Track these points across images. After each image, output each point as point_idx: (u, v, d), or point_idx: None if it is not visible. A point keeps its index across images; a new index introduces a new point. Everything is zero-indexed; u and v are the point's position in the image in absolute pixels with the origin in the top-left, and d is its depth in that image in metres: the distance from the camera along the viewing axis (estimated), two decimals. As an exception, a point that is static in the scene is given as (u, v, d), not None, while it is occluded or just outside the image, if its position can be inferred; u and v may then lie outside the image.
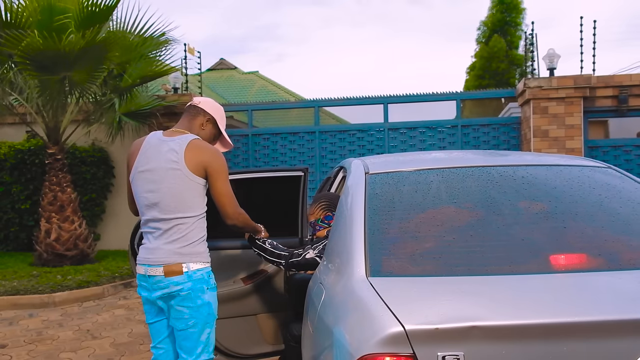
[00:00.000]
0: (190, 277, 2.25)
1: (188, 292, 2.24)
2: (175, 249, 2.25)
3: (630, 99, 7.16)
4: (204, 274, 2.30)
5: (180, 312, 2.27)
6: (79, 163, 8.58)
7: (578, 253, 1.82)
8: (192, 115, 2.43)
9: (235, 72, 17.66)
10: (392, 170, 2.36)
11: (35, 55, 6.06)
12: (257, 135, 8.99)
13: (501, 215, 1.98)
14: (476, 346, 1.35)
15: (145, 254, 2.33)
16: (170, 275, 2.24)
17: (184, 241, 2.25)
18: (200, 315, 2.27)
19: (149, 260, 2.29)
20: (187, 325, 2.27)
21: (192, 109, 2.45)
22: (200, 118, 2.43)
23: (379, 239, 1.92)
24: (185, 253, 2.26)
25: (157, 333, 2.45)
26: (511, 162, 2.45)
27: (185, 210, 2.25)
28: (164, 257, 2.25)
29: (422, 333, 1.37)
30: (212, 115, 2.46)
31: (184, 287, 2.24)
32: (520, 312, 1.42)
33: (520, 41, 19.21)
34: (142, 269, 2.33)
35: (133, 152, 2.39)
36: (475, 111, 11.03)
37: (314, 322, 1.99)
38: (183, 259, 2.25)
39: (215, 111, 2.48)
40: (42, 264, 7.18)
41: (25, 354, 4.27)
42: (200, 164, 2.24)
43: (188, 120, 2.42)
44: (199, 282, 2.27)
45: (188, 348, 2.30)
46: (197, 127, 2.42)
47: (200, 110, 2.44)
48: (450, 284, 1.66)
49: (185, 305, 2.25)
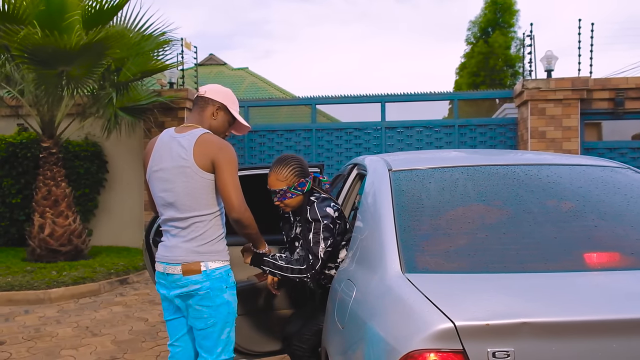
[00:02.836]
0: (209, 276, 2.22)
1: (207, 292, 2.21)
2: (193, 247, 2.22)
3: (627, 102, 7.27)
4: (223, 272, 2.26)
5: (200, 312, 2.24)
6: (72, 157, 8.45)
7: (611, 251, 1.83)
8: (201, 107, 2.36)
9: (224, 68, 17.56)
10: (415, 167, 2.36)
11: (34, 49, 5.96)
12: (254, 132, 8.94)
13: (531, 214, 1.99)
14: (526, 342, 1.35)
15: (163, 251, 2.30)
16: (189, 274, 2.21)
17: (202, 239, 2.22)
18: (220, 314, 2.24)
19: (168, 259, 2.26)
20: (206, 325, 2.24)
21: (200, 100, 2.38)
22: (210, 108, 2.36)
23: (410, 235, 1.91)
24: (203, 252, 2.22)
25: (174, 330, 2.42)
26: (533, 161, 2.47)
27: (201, 208, 2.21)
28: (182, 255, 2.22)
29: (472, 329, 1.36)
30: (222, 102, 2.38)
31: (202, 286, 2.21)
32: (569, 309, 1.42)
33: (513, 42, 19.39)
34: (161, 266, 2.30)
35: (148, 151, 2.36)
36: (469, 111, 11.10)
37: (343, 318, 1.97)
38: (202, 257, 2.22)
39: (225, 97, 2.39)
40: (36, 260, 7.07)
41: (25, 350, 4.19)
42: (208, 159, 2.19)
43: (198, 113, 2.36)
44: (218, 280, 2.24)
45: (208, 347, 2.28)
46: (208, 119, 2.35)
47: (208, 100, 2.36)
48: (489, 281, 1.66)
49: (204, 304, 2.22)
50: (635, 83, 7.29)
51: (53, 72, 6.41)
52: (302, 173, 2.58)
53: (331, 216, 2.48)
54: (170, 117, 8.45)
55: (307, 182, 2.59)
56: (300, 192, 2.56)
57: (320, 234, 2.43)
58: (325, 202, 2.53)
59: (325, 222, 2.45)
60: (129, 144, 8.80)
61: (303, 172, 2.59)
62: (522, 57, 9.16)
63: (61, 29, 5.96)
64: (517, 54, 18.86)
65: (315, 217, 2.46)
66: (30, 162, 8.26)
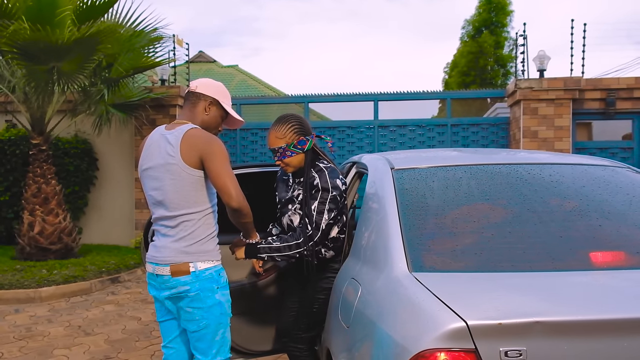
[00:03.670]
0: (199, 277, 2.15)
1: (197, 293, 2.15)
2: (182, 247, 2.15)
3: (618, 102, 7.34)
4: (213, 272, 2.19)
5: (191, 314, 2.17)
6: (61, 154, 8.34)
7: (617, 251, 1.84)
8: (193, 103, 2.29)
9: (214, 65, 17.50)
10: (418, 166, 2.35)
11: (24, 44, 5.87)
12: (246, 129, 8.90)
13: (536, 213, 1.99)
14: (538, 341, 1.35)
15: (153, 252, 2.24)
16: (177, 275, 2.14)
17: (191, 239, 2.15)
18: (212, 315, 2.18)
19: (156, 259, 2.21)
20: (199, 327, 2.18)
21: (191, 96, 2.30)
22: (202, 103, 2.29)
23: (416, 234, 1.91)
24: (192, 252, 2.15)
25: (167, 332, 2.36)
26: (535, 160, 2.47)
27: (190, 205, 2.15)
28: (171, 256, 2.16)
29: (485, 328, 1.36)
30: (214, 97, 2.30)
31: (192, 288, 2.14)
32: (581, 308, 1.42)
33: (506, 42, 19.51)
34: (151, 267, 2.25)
35: (141, 149, 2.32)
36: (460, 110, 11.15)
37: (348, 318, 1.96)
38: (190, 257, 2.15)
39: (216, 91, 2.31)
40: (25, 258, 6.97)
41: (17, 350, 4.13)
42: (195, 154, 2.11)
43: (189, 109, 2.29)
44: (208, 281, 2.17)
45: (203, 349, 2.22)
46: (200, 114, 2.28)
47: (200, 95, 2.28)
48: (498, 280, 1.66)
49: (195, 306, 2.16)
50: (626, 83, 7.36)
51: (44, 67, 6.31)
52: (302, 131, 2.50)
53: (340, 189, 2.42)
54: (161, 114, 8.38)
55: (308, 140, 2.50)
56: (301, 150, 2.47)
57: (327, 204, 2.36)
58: (335, 173, 2.46)
59: (334, 193, 2.38)
60: (119, 141, 8.71)
61: (303, 129, 2.51)
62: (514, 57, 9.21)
63: (52, 24, 5.87)
64: (509, 53, 18.98)
65: (326, 186, 2.38)
66: (19, 159, 8.15)
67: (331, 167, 2.50)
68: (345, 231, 2.58)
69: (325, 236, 2.40)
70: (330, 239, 2.49)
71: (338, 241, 2.53)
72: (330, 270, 2.51)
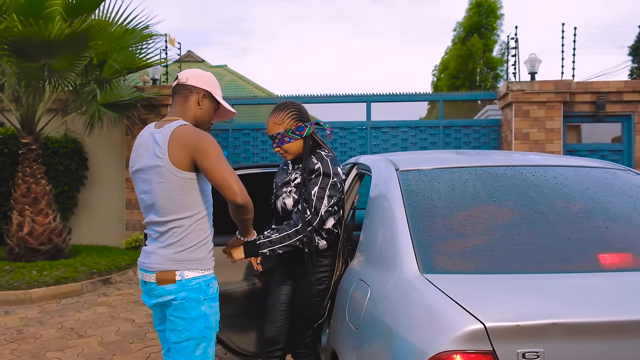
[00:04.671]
0: (185, 286, 2.01)
1: (181, 302, 2.01)
2: (170, 254, 2.02)
3: (608, 105, 7.43)
4: (202, 282, 2.04)
5: (174, 324, 2.03)
6: (50, 154, 8.22)
7: (624, 252, 1.86)
8: (184, 97, 2.14)
9: (203, 65, 17.40)
10: (423, 167, 2.36)
11: (15, 41, 5.78)
12: (238, 130, 8.87)
13: (543, 215, 2.00)
14: (555, 343, 1.36)
15: (142, 257, 2.13)
16: (163, 283, 2.02)
17: (179, 246, 2.02)
18: (195, 328, 2.02)
19: (145, 266, 2.09)
20: (180, 338, 2.03)
21: (182, 89, 2.14)
22: (194, 96, 2.14)
23: (425, 235, 1.91)
24: (179, 259, 2.02)
25: (164, 341, 2.24)
26: (538, 162, 2.49)
27: (180, 210, 2.01)
28: (158, 263, 2.04)
29: (502, 330, 1.36)
30: (207, 89, 2.16)
31: (177, 297, 2.01)
32: (597, 309, 1.43)
33: (495, 45, 19.69)
34: (140, 273, 2.15)
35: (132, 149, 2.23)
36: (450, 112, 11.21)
37: (357, 320, 1.96)
38: (177, 266, 2.02)
39: (208, 83, 2.18)
40: (14, 259, 6.86)
41: (9, 353, 4.06)
42: (185, 154, 1.96)
43: (180, 104, 2.14)
44: (195, 291, 2.02)
45: None
46: (192, 109, 2.14)
47: (191, 88, 2.13)
48: (509, 281, 1.66)
49: (178, 315, 2.02)
50: (616, 87, 7.47)
51: (35, 64, 6.22)
52: (299, 117, 2.48)
53: (341, 177, 2.42)
54: (153, 113, 8.31)
55: (307, 126, 2.48)
56: (299, 136, 2.45)
57: (327, 190, 2.34)
58: (337, 162, 2.45)
59: (334, 179, 2.37)
60: (110, 141, 8.62)
61: (301, 116, 2.49)
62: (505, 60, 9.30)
63: (43, 18, 5.78)
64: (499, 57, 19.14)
65: (328, 171, 2.37)
66: (7, 158, 8.02)
67: (332, 156, 2.50)
68: (340, 226, 2.52)
69: (322, 223, 2.37)
70: (325, 229, 2.43)
71: (332, 234, 2.46)
72: (323, 270, 2.45)
